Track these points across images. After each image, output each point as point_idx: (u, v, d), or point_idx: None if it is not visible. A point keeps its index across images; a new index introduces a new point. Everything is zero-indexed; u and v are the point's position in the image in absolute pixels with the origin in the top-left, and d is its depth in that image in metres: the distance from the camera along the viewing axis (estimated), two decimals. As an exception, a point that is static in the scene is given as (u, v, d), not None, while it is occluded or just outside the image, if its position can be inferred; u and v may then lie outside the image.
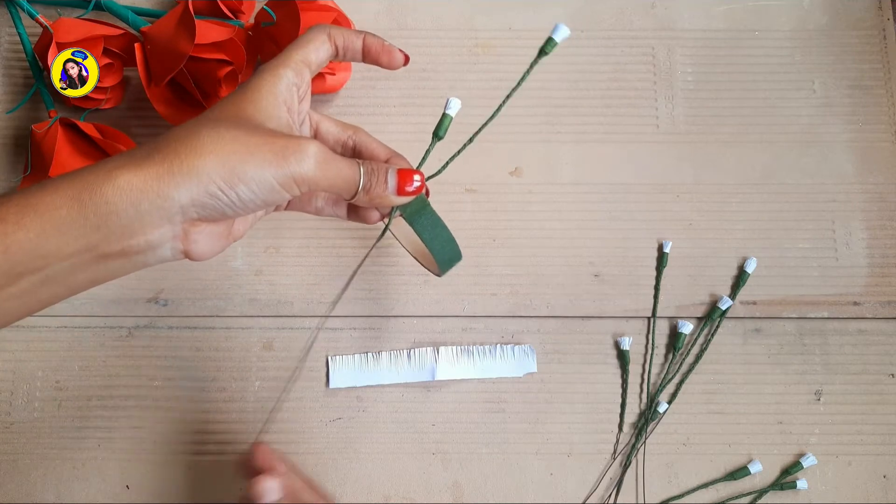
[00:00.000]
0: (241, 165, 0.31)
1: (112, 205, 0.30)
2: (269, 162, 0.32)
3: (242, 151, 0.31)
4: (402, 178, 0.37)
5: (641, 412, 0.52)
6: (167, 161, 0.30)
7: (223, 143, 0.31)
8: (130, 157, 0.31)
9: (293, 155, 0.32)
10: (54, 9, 0.55)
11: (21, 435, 0.50)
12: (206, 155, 0.31)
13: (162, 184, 0.30)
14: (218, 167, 0.31)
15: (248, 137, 0.32)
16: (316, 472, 0.50)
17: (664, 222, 0.54)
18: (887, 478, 0.51)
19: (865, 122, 0.56)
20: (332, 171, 0.34)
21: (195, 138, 0.31)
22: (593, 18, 0.57)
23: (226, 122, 0.32)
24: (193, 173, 0.30)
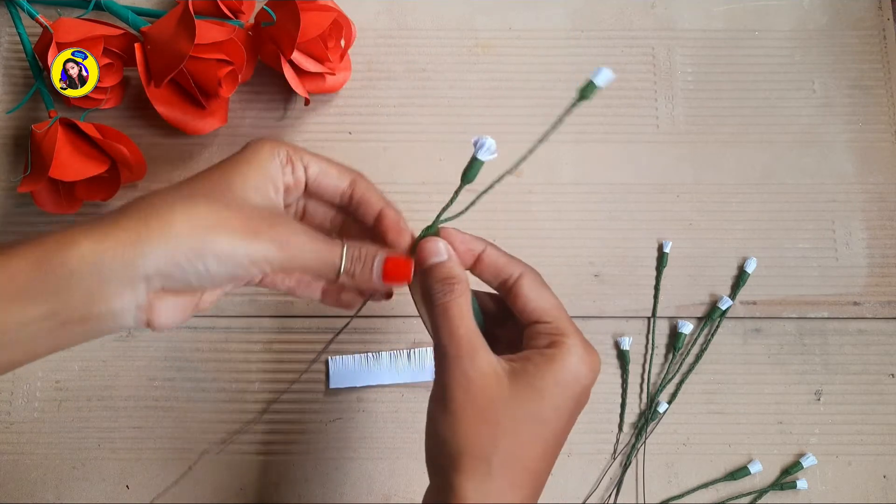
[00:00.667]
0: (210, 237, 0.30)
1: (74, 272, 0.29)
2: (240, 237, 0.30)
3: (214, 224, 0.30)
4: (389, 268, 0.34)
5: (641, 412, 0.52)
6: (135, 229, 0.29)
7: (196, 214, 0.30)
8: (96, 224, 0.30)
9: (266, 233, 0.31)
10: (54, 9, 0.55)
11: (21, 435, 0.50)
12: (176, 224, 0.30)
13: (127, 251, 0.29)
14: (187, 237, 0.30)
15: (223, 210, 0.31)
16: (316, 472, 0.50)
17: (664, 222, 0.54)
18: (887, 478, 0.51)
19: (865, 122, 0.56)
20: (309, 254, 0.32)
21: (167, 208, 0.30)
22: (593, 18, 0.57)
23: (203, 193, 0.31)
24: (161, 242, 0.29)
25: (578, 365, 0.32)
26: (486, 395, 0.32)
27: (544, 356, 0.32)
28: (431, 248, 0.35)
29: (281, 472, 0.50)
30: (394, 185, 0.54)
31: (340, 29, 0.52)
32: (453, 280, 0.34)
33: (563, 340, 0.33)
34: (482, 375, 0.32)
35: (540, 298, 0.34)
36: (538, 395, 0.32)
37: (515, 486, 0.32)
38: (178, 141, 0.54)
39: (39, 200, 0.50)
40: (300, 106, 0.55)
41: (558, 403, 0.32)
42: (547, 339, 0.33)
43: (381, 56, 0.56)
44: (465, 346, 0.32)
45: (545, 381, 0.32)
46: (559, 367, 0.32)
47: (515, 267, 0.35)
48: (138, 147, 0.52)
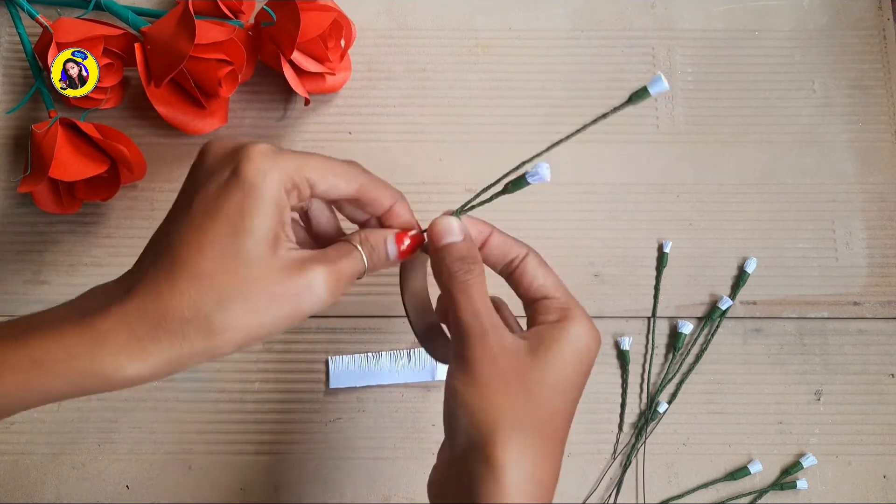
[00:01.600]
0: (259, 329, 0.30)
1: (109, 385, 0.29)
2: (283, 315, 0.30)
3: (252, 323, 0.30)
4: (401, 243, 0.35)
5: (641, 412, 0.52)
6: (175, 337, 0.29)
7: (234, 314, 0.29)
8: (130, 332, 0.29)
9: (303, 295, 0.31)
10: (54, 9, 0.55)
11: (21, 435, 0.50)
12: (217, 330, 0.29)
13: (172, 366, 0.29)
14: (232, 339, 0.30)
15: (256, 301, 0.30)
16: (316, 472, 0.50)
17: (664, 222, 0.54)
18: (887, 478, 0.51)
19: (865, 122, 0.56)
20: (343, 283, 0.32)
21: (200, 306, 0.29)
22: (593, 18, 0.57)
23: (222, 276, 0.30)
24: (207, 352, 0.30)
25: (588, 334, 0.34)
26: (513, 368, 0.32)
27: (557, 328, 0.34)
28: (446, 227, 0.35)
29: (281, 472, 0.50)
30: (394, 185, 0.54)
31: (340, 29, 0.52)
32: (472, 259, 0.34)
33: (571, 313, 0.34)
34: (507, 350, 0.33)
35: (546, 276, 0.36)
36: (559, 364, 0.33)
37: (549, 455, 0.33)
38: (178, 141, 0.54)
39: (39, 200, 0.50)
40: (300, 106, 0.55)
41: (577, 370, 0.33)
42: (557, 314, 0.34)
43: (381, 56, 0.56)
44: (488, 323, 0.33)
45: (563, 350, 0.33)
46: (574, 337, 0.33)
47: (520, 248, 0.36)
48: (138, 147, 0.52)
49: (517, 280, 0.36)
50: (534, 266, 0.36)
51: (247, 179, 0.30)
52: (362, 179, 0.35)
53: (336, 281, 0.32)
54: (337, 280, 0.32)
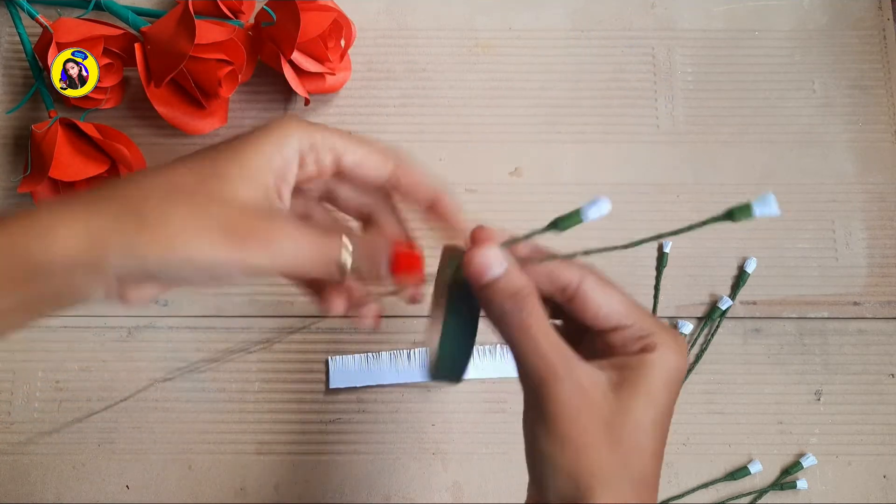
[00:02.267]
0: (186, 247, 0.27)
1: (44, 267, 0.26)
2: (219, 244, 0.27)
3: (191, 229, 0.27)
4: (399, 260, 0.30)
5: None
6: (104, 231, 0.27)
7: (170, 219, 0.27)
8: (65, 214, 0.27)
9: (251, 237, 0.27)
10: (54, 9, 0.55)
11: (21, 435, 0.50)
12: (146, 232, 0.27)
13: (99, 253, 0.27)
14: (159, 248, 0.27)
15: (203, 212, 0.27)
16: (316, 472, 0.50)
17: (664, 222, 0.54)
18: (887, 478, 0.51)
19: (865, 122, 0.56)
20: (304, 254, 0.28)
21: (142, 206, 0.27)
22: (593, 18, 0.57)
23: (187, 189, 0.28)
24: (130, 251, 0.27)
25: (676, 358, 0.30)
26: (598, 415, 0.28)
27: (645, 361, 0.29)
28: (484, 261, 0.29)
29: (281, 472, 0.50)
30: (394, 185, 0.54)
31: (340, 29, 0.52)
32: (525, 293, 0.29)
33: (654, 341, 0.30)
34: (587, 394, 0.28)
35: (612, 300, 0.31)
36: (651, 403, 0.29)
37: (649, 498, 0.30)
38: (178, 141, 0.54)
39: (39, 201, 0.50)
40: (300, 106, 0.55)
41: (667, 401, 0.29)
42: (637, 344, 0.30)
43: (381, 56, 0.56)
44: (560, 366, 0.28)
45: (654, 386, 0.29)
46: (663, 368, 0.29)
47: (573, 271, 0.31)
48: (138, 147, 0.52)
49: (578, 310, 0.31)
50: (594, 290, 0.31)
51: (268, 124, 0.30)
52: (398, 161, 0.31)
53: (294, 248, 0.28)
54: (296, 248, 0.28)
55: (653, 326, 0.30)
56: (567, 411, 0.28)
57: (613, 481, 0.28)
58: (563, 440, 0.28)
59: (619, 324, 0.30)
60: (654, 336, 0.30)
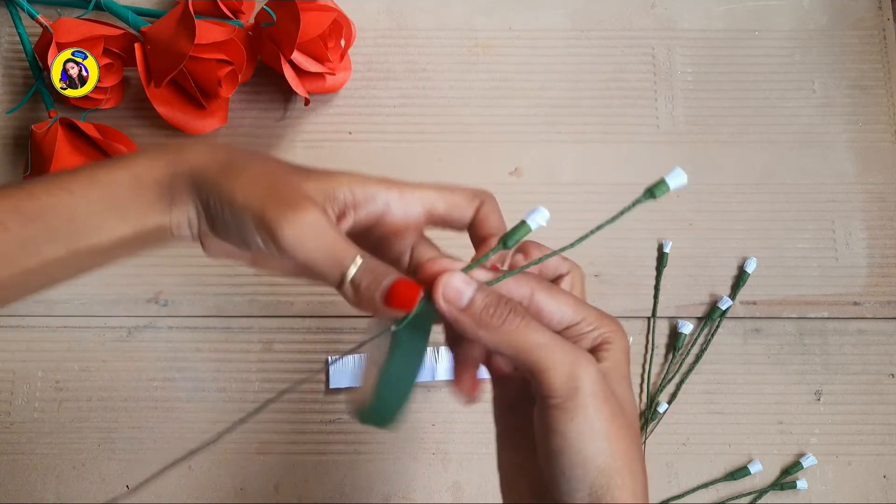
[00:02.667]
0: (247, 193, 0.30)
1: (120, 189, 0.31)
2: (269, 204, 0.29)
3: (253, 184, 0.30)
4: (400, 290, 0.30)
5: (641, 412, 0.51)
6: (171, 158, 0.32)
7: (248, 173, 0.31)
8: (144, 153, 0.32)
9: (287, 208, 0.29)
10: (54, 9, 0.55)
11: (21, 435, 0.50)
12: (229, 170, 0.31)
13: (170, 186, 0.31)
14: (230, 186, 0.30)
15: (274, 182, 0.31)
16: (316, 472, 0.50)
17: (664, 222, 0.54)
18: (887, 478, 0.51)
19: (865, 122, 0.56)
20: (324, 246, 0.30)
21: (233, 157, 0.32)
22: (593, 18, 0.57)
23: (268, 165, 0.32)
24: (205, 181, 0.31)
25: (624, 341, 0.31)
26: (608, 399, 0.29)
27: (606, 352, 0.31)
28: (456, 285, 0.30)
29: (281, 472, 0.50)
30: (394, 185, 0.54)
31: (340, 29, 0.52)
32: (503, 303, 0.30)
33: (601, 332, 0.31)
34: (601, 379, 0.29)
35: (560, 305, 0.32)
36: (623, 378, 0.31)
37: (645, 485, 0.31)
38: (178, 141, 0.54)
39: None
40: (300, 106, 0.55)
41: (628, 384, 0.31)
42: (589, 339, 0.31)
43: (381, 56, 0.56)
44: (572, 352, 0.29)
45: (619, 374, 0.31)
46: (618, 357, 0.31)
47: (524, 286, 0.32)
48: (138, 147, 0.52)
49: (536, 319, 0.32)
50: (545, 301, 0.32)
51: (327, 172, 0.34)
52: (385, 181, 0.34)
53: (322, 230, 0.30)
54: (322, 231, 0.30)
55: (598, 319, 0.32)
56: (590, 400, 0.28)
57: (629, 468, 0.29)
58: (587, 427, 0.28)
59: (571, 321, 0.32)
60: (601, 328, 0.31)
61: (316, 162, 0.54)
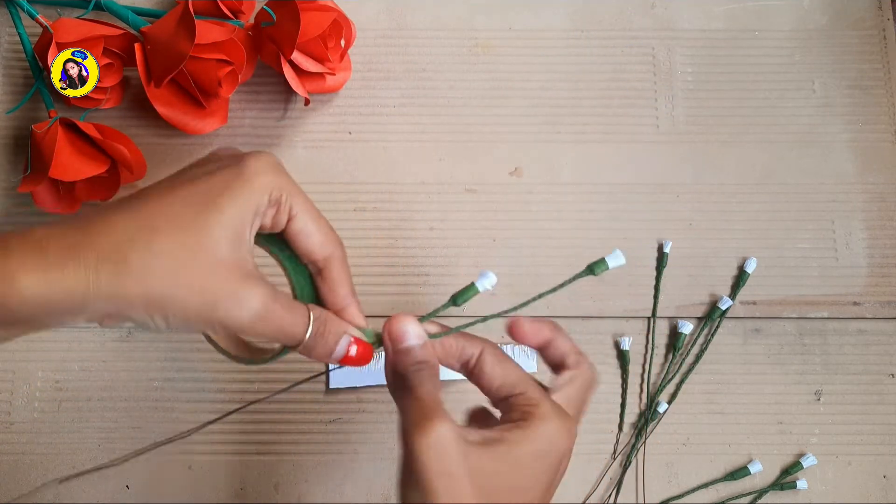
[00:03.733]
0: (164, 302, 0.28)
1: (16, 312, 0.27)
2: (197, 303, 0.28)
3: (170, 287, 0.28)
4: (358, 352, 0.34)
5: (641, 412, 0.52)
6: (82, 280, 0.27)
7: (150, 276, 0.28)
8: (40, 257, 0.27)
9: (224, 304, 0.29)
10: (54, 9, 0.55)
11: (21, 435, 0.50)
12: (128, 285, 0.28)
13: (74, 301, 0.27)
14: (138, 300, 0.28)
15: (186, 260, 0.28)
16: (316, 472, 0.50)
17: (664, 222, 0.54)
18: (887, 478, 0.51)
19: (865, 122, 0.56)
20: (271, 327, 0.30)
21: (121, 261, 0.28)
22: (593, 18, 0.57)
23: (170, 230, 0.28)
24: (111, 301, 0.28)
25: (555, 434, 0.32)
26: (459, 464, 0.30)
27: (520, 428, 0.31)
28: (406, 329, 0.34)
29: (281, 472, 0.50)
30: (394, 185, 0.54)
31: (340, 29, 0.52)
32: (429, 363, 0.33)
33: (535, 410, 0.32)
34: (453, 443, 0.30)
35: (505, 372, 0.33)
36: (516, 467, 0.31)
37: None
38: (178, 141, 0.54)
39: (39, 200, 0.50)
40: (300, 106, 0.55)
41: (537, 474, 0.31)
42: (520, 412, 0.32)
43: (381, 56, 0.56)
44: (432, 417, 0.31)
45: (522, 452, 0.31)
46: (535, 438, 0.31)
47: (475, 346, 0.34)
48: (138, 147, 0.52)
49: (477, 380, 0.34)
50: (491, 364, 0.34)
51: (245, 169, 0.30)
52: (334, 252, 0.33)
53: (267, 313, 0.30)
54: (268, 313, 0.30)
55: (541, 399, 0.32)
56: (424, 452, 0.30)
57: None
58: (419, 483, 0.29)
59: (511, 392, 0.33)
60: (538, 407, 0.32)
61: (316, 162, 0.55)
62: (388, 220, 0.54)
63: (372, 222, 0.54)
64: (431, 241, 0.53)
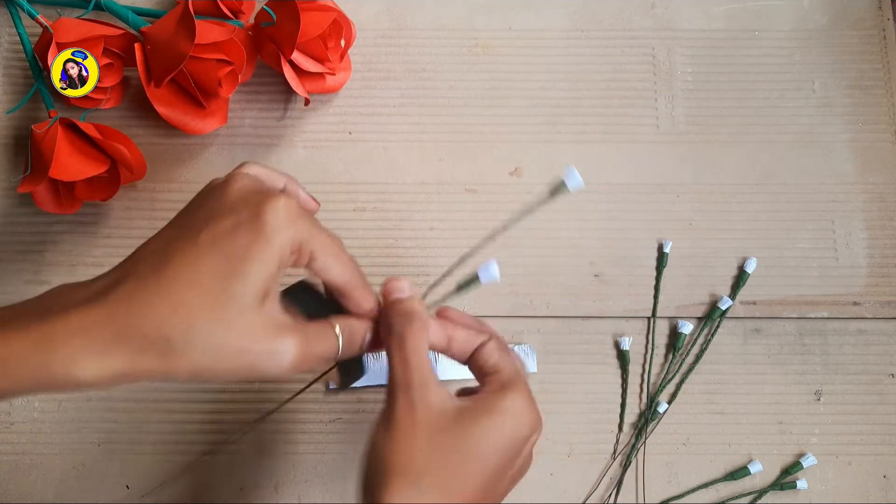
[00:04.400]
0: (207, 370, 0.30)
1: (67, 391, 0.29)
2: (234, 370, 0.31)
3: (210, 356, 0.30)
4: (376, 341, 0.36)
5: (641, 412, 0.52)
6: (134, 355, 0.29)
7: (193, 344, 0.30)
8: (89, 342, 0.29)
9: (267, 358, 0.31)
10: (54, 9, 0.55)
11: (21, 435, 0.50)
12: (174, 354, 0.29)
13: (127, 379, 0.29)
14: (184, 368, 0.30)
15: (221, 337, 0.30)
16: (316, 473, 0.50)
17: (664, 222, 0.54)
18: (887, 478, 0.51)
19: (865, 122, 0.56)
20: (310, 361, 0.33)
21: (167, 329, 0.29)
22: (593, 18, 0.57)
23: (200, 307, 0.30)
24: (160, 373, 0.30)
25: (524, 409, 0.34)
26: (429, 423, 0.33)
27: (494, 397, 0.34)
28: (394, 286, 0.36)
29: (281, 472, 0.50)
30: (394, 185, 0.54)
31: (340, 29, 0.52)
32: (412, 314, 0.35)
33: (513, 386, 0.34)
34: (429, 405, 0.33)
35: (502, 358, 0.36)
36: (480, 433, 0.33)
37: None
38: (178, 141, 0.54)
39: (39, 200, 0.50)
40: (300, 106, 0.55)
41: (497, 444, 0.33)
42: (498, 384, 0.35)
43: (381, 56, 0.56)
44: (416, 377, 0.33)
45: (489, 420, 0.33)
46: (507, 408, 0.33)
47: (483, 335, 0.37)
48: (138, 147, 0.52)
49: (475, 362, 0.36)
50: (491, 349, 0.36)
51: (264, 226, 0.31)
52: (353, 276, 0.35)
53: (303, 356, 0.32)
54: (304, 356, 0.32)
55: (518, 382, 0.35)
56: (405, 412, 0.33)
57: (412, 478, 0.32)
58: (391, 432, 0.33)
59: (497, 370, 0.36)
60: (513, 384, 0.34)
61: (316, 162, 0.55)
62: (388, 220, 0.54)
63: (372, 222, 0.54)
64: (431, 241, 0.53)
